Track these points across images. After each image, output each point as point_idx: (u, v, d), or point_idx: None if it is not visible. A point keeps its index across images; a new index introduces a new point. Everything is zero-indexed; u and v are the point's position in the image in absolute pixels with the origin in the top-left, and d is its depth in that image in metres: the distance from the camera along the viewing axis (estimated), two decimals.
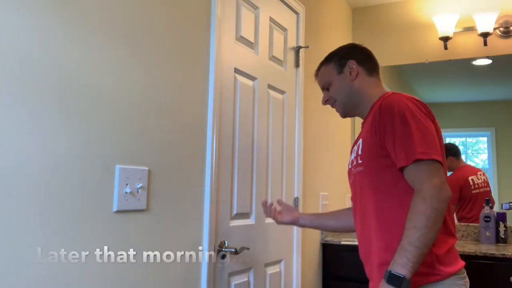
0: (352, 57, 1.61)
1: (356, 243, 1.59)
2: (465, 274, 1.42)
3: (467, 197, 3.13)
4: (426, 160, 1.29)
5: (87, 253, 1.30)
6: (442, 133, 1.46)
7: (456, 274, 1.36)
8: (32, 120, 1.16)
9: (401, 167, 1.33)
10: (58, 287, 1.21)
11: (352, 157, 1.55)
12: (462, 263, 1.42)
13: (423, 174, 1.29)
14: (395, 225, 1.35)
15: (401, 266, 1.23)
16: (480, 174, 3.15)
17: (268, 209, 1.88)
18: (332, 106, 1.70)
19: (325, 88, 1.69)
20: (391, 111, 1.37)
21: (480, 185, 3.13)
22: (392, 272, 1.24)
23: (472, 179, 3.15)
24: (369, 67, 1.61)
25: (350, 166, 1.57)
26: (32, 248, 1.15)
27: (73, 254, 1.26)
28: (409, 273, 1.23)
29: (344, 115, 1.69)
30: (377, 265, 1.41)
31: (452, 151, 3.20)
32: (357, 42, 1.76)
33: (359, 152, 1.48)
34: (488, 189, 3.11)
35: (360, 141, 1.50)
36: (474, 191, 3.12)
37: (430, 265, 1.32)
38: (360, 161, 1.47)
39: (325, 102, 1.71)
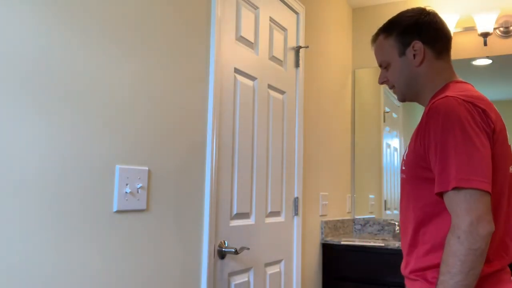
0: (418, 36, 1.32)
1: (356, 243, 1.56)
2: None
3: None
4: (466, 189, 1.09)
5: (87, 253, 1.30)
6: None
7: None
8: (32, 120, 1.16)
9: (438, 192, 1.15)
10: (58, 287, 1.21)
11: (402, 158, 1.36)
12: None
13: (460, 207, 1.10)
14: (428, 245, 1.21)
15: None
16: None
17: None
18: (389, 88, 1.44)
19: (383, 66, 1.41)
20: (437, 121, 1.16)
21: None
22: None
23: None
24: (438, 48, 1.33)
25: (401, 168, 1.37)
26: (32, 248, 1.15)
27: (73, 254, 1.26)
28: None
29: (403, 100, 1.44)
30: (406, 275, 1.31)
31: None
32: (357, 42, 1.62)
33: (405, 157, 1.31)
34: None
35: (408, 145, 1.32)
36: None
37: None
38: (403, 168, 1.31)
39: (382, 82, 1.44)
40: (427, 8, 1.38)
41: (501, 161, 1.20)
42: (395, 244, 2.71)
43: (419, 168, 1.23)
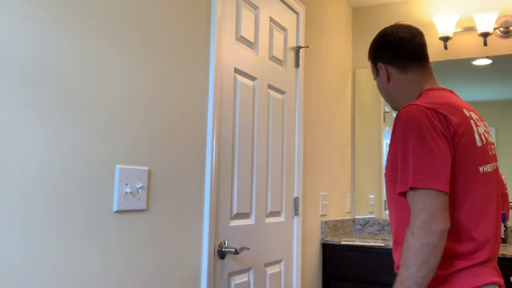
0: (381, 58, 1.48)
1: (356, 243, 1.59)
2: None
3: None
4: (421, 189, 1.19)
5: (87, 253, 1.30)
6: None
7: None
8: (32, 121, 1.16)
9: (400, 193, 1.24)
10: (58, 287, 1.21)
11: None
12: (480, 282, 1.25)
13: (416, 205, 1.20)
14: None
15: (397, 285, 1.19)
16: None
17: None
18: None
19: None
20: (399, 128, 1.27)
21: None
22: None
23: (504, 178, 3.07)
24: (401, 64, 1.44)
25: None
26: (32, 248, 1.15)
27: (73, 254, 1.26)
28: None
29: (394, 110, 1.56)
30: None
31: None
32: (357, 42, 1.69)
33: (386, 160, 1.39)
34: None
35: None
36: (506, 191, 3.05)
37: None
38: (384, 171, 1.40)
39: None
40: (399, 24, 1.52)
41: (466, 161, 1.27)
42: None
43: (395, 172, 1.30)
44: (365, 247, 2.76)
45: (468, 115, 1.35)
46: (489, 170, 1.34)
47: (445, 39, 3.19)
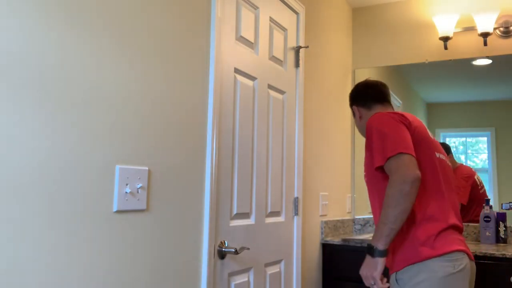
0: (355, 103, 2.01)
1: (356, 243, 1.73)
2: (459, 257, 1.57)
3: (477, 198, 3.03)
4: (395, 155, 1.55)
5: (87, 253, 1.30)
6: (442, 133, 1.60)
7: (442, 256, 1.54)
8: (31, 121, 1.16)
9: (378, 166, 1.60)
10: (58, 287, 1.21)
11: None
12: (454, 247, 1.57)
13: (392, 167, 1.54)
14: None
15: (375, 239, 1.56)
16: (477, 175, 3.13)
17: None
18: None
19: None
20: (368, 128, 1.70)
21: (482, 185, 3.10)
22: (369, 243, 1.58)
23: (478, 178, 3.10)
24: (368, 104, 1.96)
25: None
26: (32, 248, 1.15)
27: (73, 254, 1.26)
28: (381, 245, 1.54)
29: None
30: None
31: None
32: (357, 42, 1.88)
33: (363, 166, 1.82)
34: (484, 189, 3.10)
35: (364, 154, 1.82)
36: (481, 191, 3.08)
37: (411, 249, 1.56)
38: (364, 173, 1.80)
39: None
40: (368, 80, 2.05)
41: (423, 145, 1.67)
42: None
43: (373, 169, 1.68)
44: (365, 247, 2.76)
45: (424, 124, 1.79)
46: (443, 158, 1.74)
47: (445, 39, 3.19)
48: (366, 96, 1.97)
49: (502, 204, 2.99)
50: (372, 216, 3.38)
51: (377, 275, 1.55)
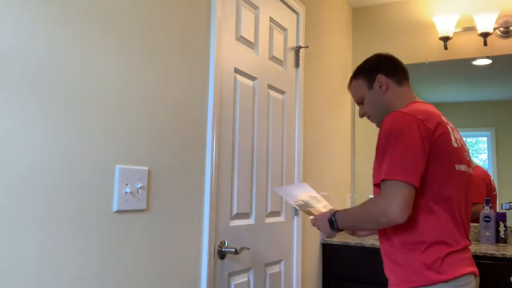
0: (380, 71, 1.66)
1: (356, 243, 1.66)
2: (466, 281, 1.44)
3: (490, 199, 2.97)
4: (394, 181, 1.39)
5: (87, 253, 1.30)
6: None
7: (450, 282, 1.41)
8: (31, 120, 1.16)
9: (375, 184, 1.47)
10: (58, 287, 1.21)
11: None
12: (462, 270, 1.43)
13: (385, 191, 1.41)
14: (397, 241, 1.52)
15: (341, 218, 1.57)
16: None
17: None
18: (369, 119, 1.75)
19: (359, 102, 1.74)
20: (382, 131, 1.50)
21: (495, 188, 3.06)
22: (336, 214, 1.59)
23: (493, 181, 3.05)
24: (398, 78, 1.66)
25: None
26: (32, 248, 1.15)
27: (73, 254, 1.26)
28: (341, 225, 1.57)
29: (379, 126, 1.73)
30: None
31: None
32: (357, 42, 1.79)
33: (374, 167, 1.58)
34: (496, 192, 3.08)
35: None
36: (494, 193, 3.05)
37: (418, 273, 1.44)
38: (373, 174, 1.59)
39: (362, 115, 1.76)
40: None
41: (443, 159, 1.46)
42: None
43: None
44: (365, 247, 2.76)
45: (445, 121, 1.55)
46: (463, 170, 1.53)
47: (445, 39, 3.19)
48: (396, 67, 1.67)
49: (502, 204, 2.99)
50: None
51: (325, 234, 1.65)
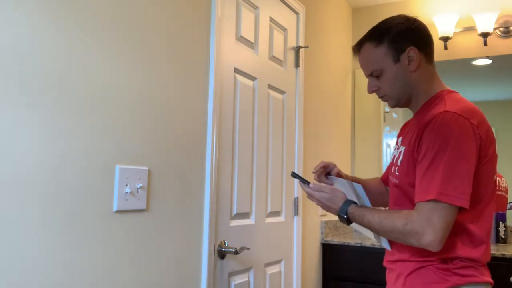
0: (412, 42, 1.31)
1: (356, 243, 1.59)
2: None
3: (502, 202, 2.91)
4: (440, 203, 1.15)
5: (87, 253, 1.30)
6: None
7: (469, 285, 1.24)
8: (31, 120, 1.16)
9: (417, 202, 1.20)
10: (58, 287, 1.21)
11: (393, 160, 1.39)
12: (483, 278, 1.26)
13: (426, 211, 1.16)
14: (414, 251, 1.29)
15: (360, 215, 1.28)
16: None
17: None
18: (379, 97, 1.42)
19: (374, 75, 1.37)
20: (435, 135, 1.19)
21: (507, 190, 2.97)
22: (352, 208, 1.31)
23: (499, 181, 3.03)
24: (429, 53, 1.35)
25: (391, 170, 1.40)
26: (32, 248, 1.15)
27: (73, 254, 1.26)
28: (353, 221, 1.31)
29: (394, 106, 1.42)
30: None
31: None
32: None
33: (398, 163, 1.33)
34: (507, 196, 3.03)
35: (402, 150, 1.33)
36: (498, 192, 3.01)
37: (439, 274, 1.26)
38: (397, 173, 1.33)
39: (372, 91, 1.40)
40: (410, 16, 1.39)
41: (490, 176, 1.27)
42: None
43: (414, 176, 1.25)
44: (365, 247, 2.76)
45: (488, 121, 1.31)
46: (496, 179, 1.33)
47: (445, 39, 3.19)
48: (430, 40, 1.36)
49: None
50: None
51: (325, 210, 1.39)
